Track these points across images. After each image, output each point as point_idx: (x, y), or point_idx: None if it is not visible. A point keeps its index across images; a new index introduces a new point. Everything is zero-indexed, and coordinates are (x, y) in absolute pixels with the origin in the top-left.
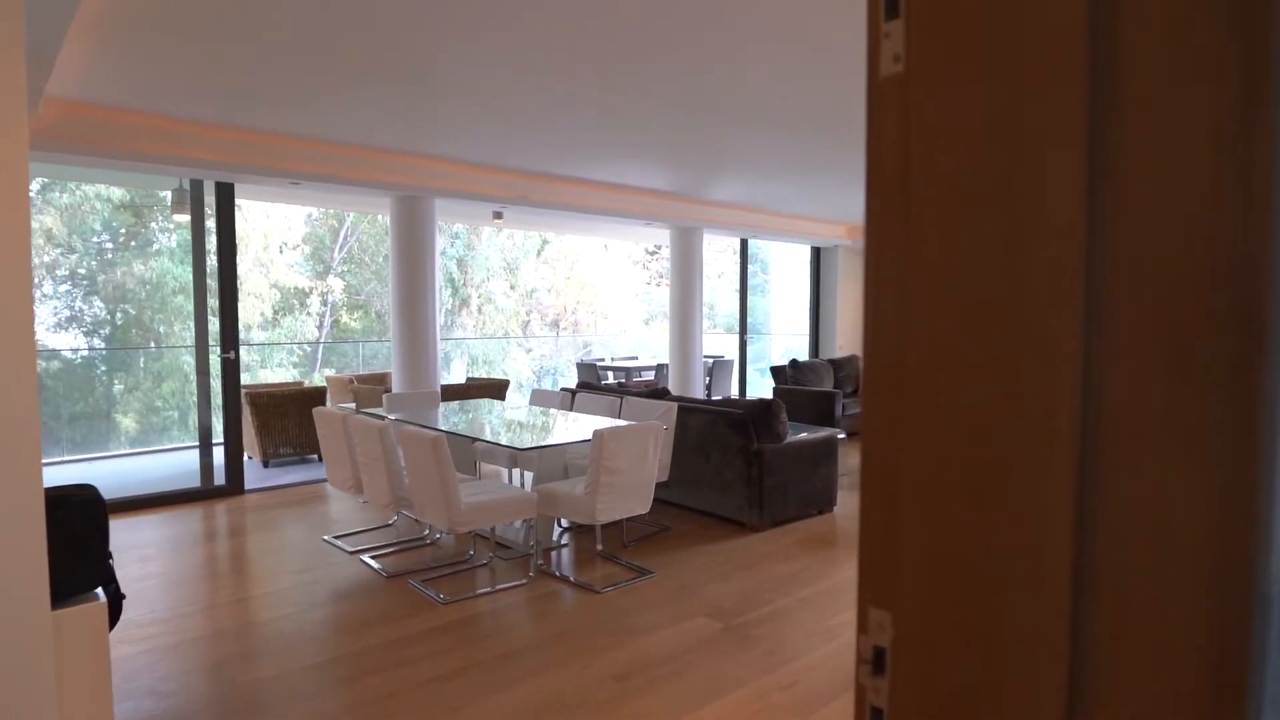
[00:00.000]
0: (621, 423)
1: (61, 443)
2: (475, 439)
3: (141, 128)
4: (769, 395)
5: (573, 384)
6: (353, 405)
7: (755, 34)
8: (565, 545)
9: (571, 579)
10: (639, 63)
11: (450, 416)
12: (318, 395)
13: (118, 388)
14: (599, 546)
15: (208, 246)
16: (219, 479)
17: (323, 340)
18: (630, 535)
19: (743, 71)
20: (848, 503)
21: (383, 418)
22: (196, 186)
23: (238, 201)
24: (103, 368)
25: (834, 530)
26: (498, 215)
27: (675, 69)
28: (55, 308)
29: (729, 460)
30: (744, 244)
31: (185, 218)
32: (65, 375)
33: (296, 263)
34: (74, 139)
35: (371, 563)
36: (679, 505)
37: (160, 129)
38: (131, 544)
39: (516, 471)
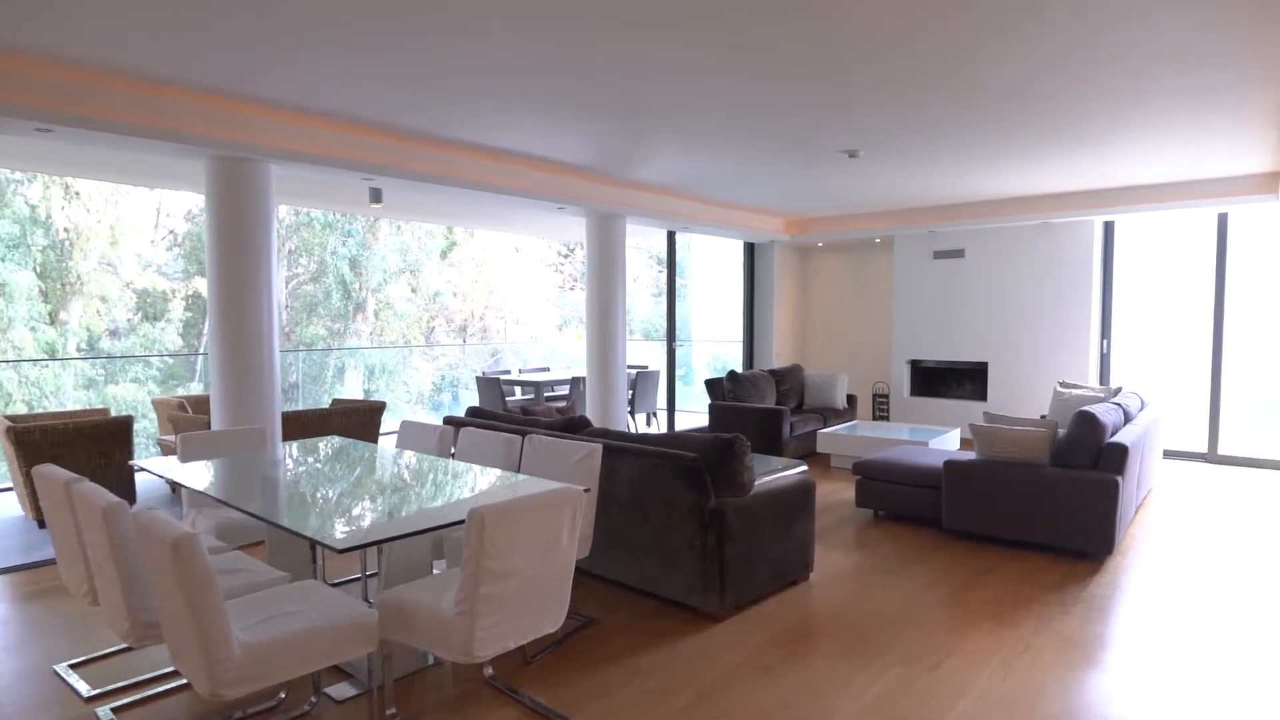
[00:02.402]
0: (520, 480)
1: None
2: (264, 520)
3: None
4: (700, 410)
5: (474, 400)
6: (174, 438)
7: None
8: (433, 664)
9: None
10: None
11: (266, 472)
12: (122, 429)
13: None
14: (487, 671)
15: None
16: None
17: (202, 351)
18: (535, 643)
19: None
20: (823, 564)
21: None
22: None
23: (74, 186)
24: None
25: (813, 614)
26: (376, 200)
27: None
28: None
29: (675, 522)
30: (671, 238)
31: None
32: None
33: (165, 263)
34: None
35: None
36: (603, 579)
37: None
38: None
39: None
